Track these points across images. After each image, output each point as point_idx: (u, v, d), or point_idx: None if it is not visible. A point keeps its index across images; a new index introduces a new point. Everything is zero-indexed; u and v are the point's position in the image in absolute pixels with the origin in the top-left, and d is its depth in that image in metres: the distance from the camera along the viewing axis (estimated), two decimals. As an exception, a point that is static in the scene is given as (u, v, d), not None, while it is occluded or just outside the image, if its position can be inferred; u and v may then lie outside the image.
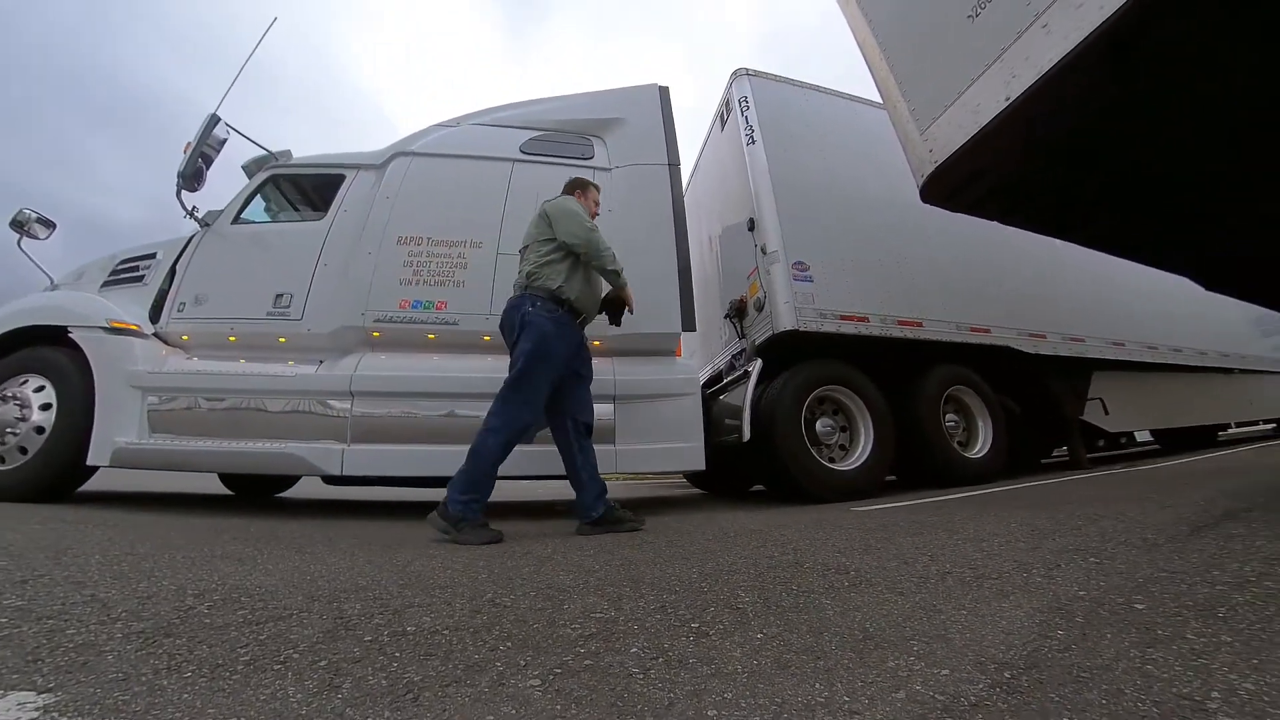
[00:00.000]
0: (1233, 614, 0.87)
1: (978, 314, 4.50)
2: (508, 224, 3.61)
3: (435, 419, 3.05)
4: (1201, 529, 1.57)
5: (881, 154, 4.60)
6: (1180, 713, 0.59)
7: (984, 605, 1.02)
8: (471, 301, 3.37)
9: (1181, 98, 1.70)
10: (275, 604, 1.15)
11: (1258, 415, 7.57)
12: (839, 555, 1.59)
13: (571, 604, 1.15)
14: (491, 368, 3.23)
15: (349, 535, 2.24)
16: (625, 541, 2.06)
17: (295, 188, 3.91)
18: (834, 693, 0.70)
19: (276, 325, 3.24)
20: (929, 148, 2.01)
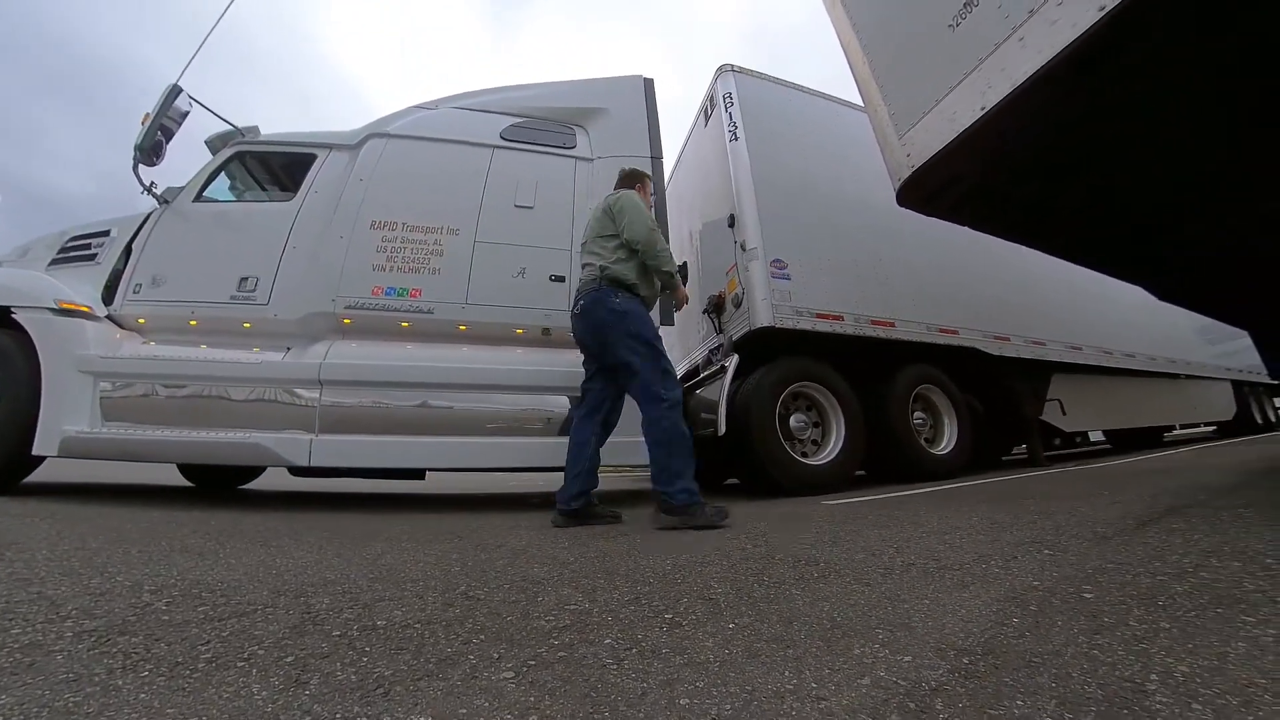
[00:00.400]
0: (1171, 602, 0.93)
1: (947, 316, 4.64)
2: (486, 211, 3.55)
3: (408, 409, 2.99)
4: (1146, 524, 1.67)
5: (859, 156, 4.68)
6: (1122, 694, 0.63)
7: (945, 595, 1.07)
8: (447, 290, 3.30)
9: (1142, 115, 1.79)
10: (238, 599, 1.12)
11: (1200, 418, 8.04)
12: (809, 547, 1.63)
13: (546, 596, 1.15)
14: (466, 358, 3.18)
15: (317, 528, 2.19)
16: (600, 534, 2.06)
17: (262, 166, 3.75)
18: (802, 680, 0.72)
19: (241, 310, 3.11)
20: (906, 152, 2.06)
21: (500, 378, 3.15)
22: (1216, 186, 2.25)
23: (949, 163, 1.95)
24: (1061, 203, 2.38)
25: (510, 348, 3.36)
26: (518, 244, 3.49)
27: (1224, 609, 0.87)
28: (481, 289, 3.34)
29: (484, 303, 3.33)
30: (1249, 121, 1.85)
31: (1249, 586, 0.98)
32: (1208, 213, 2.46)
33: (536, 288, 3.43)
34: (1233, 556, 1.19)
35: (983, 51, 1.71)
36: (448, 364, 3.12)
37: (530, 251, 3.50)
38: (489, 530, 2.19)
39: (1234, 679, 0.64)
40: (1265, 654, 0.70)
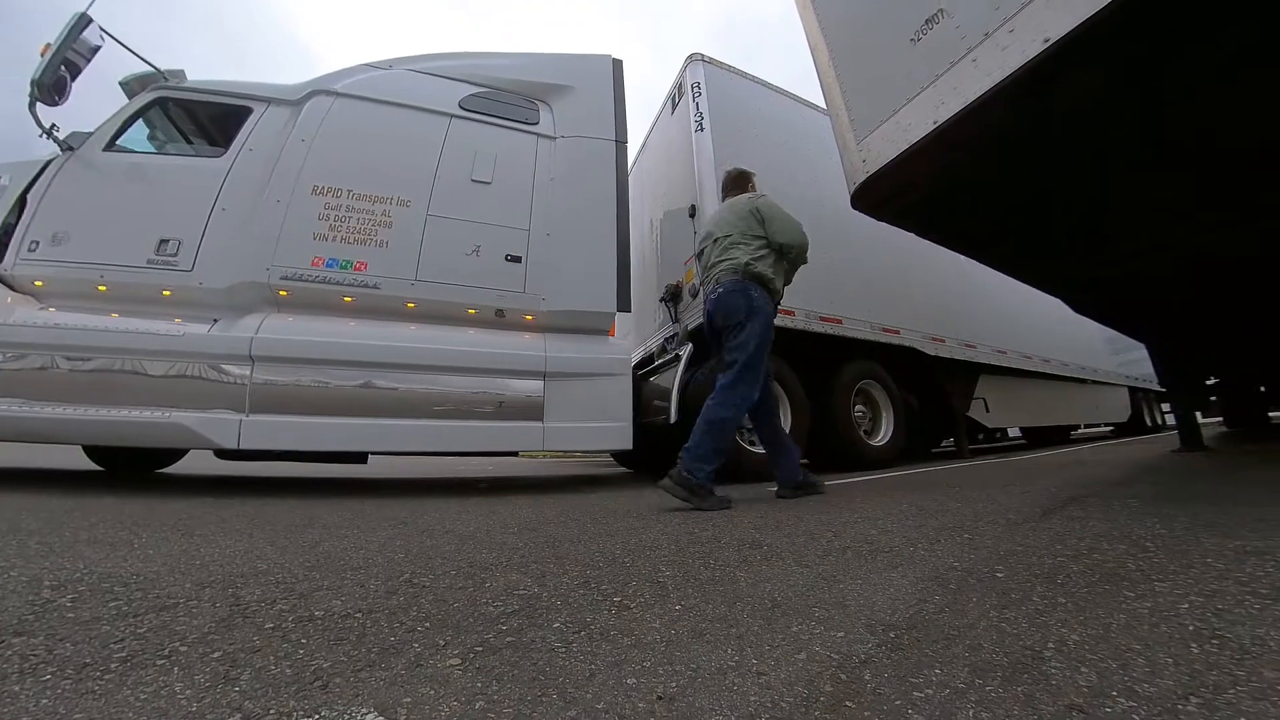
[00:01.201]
0: (1068, 580, 1.04)
1: (890, 316, 4.90)
2: (440, 184, 3.39)
3: (350, 390, 2.85)
4: (1051, 511, 1.85)
5: (818, 157, 4.82)
6: (1023, 660, 0.70)
7: (876, 575, 1.14)
8: (396, 264, 3.15)
9: (1072, 142, 1.94)
10: (157, 593, 1.04)
11: (1101, 419, 9.02)
12: (754, 531, 1.69)
13: (494, 581, 1.14)
14: (414, 337, 3.06)
15: (246, 515, 2.06)
16: (550, 519, 2.06)
17: (188, 116, 3.40)
18: (744, 657, 0.75)
19: (160, 276, 2.84)
20: (862, 157, 2.14)
21: (451, 359, 3.04)
22: (1127, 213, 2.49)
23: (901, 171, 2.04)
24: (997, 217, 2.55)
25: (461, 328, 3.26)
26: (473, 220, 3.37)
27: (1110, 586, 0.99)
28: (432, 265, 3.20)
29: (435, 280, 3.20)
30: (1155, 160, 2.06)
31: (1131, 566, 1.11)
32: (1120, 236, 2.72)
33: (491, 267, 3.33)
34: (1120, 540, 1.34)
35: (939, 68, 1.80)
36: (394, 343, 2.98)
37: (486, 229, 3.38)
38: (435, 516, 2.14)
39: (1115, 645, 0.73)
40: (1141, 624, 0.80)
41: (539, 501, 2.68)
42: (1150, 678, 0.64)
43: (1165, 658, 0.69)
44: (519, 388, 3.16)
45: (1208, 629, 0.77)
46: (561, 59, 4.05)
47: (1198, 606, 0.86)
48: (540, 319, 3.42)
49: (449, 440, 2.96)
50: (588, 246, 3.61)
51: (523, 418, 3.12)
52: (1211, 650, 0.70)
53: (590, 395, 3.29)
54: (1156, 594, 0.93)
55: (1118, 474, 3.00)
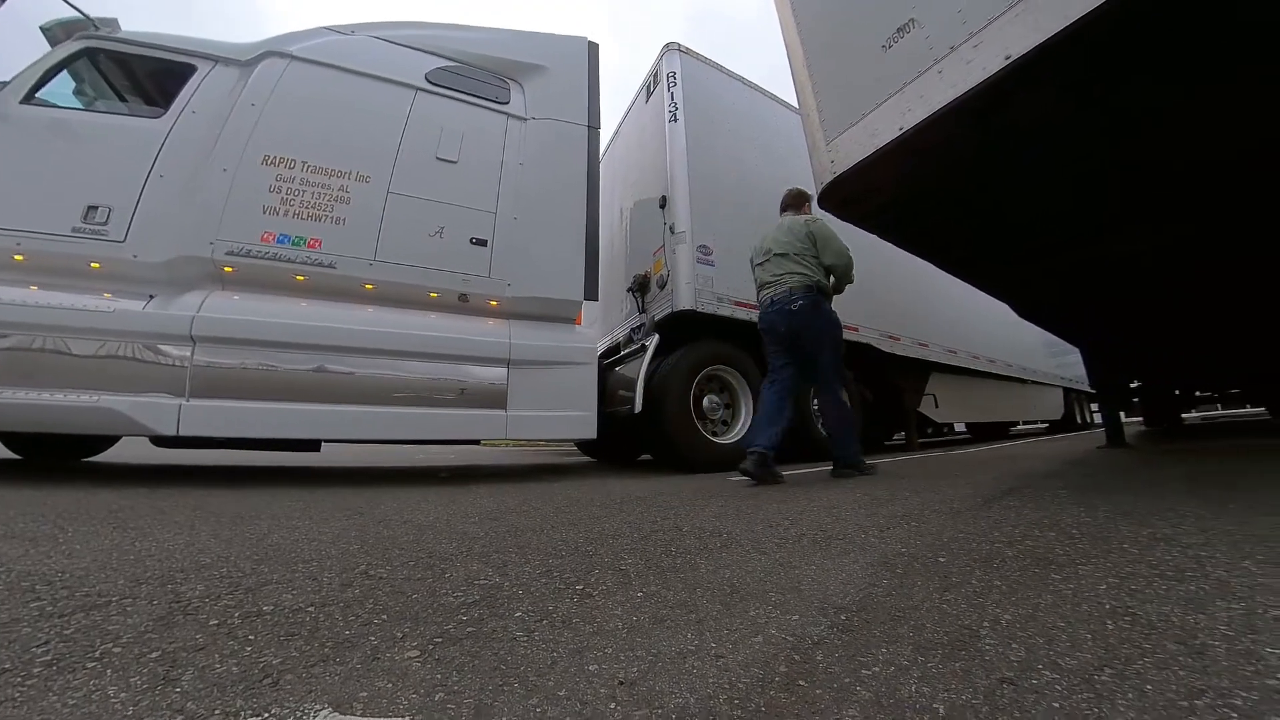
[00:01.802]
0: (1004, 565, 1.11)
1: (850, 313, 5.05)
2: (403, 160, 3.25)
3: (302, 374, 2.72)
4: (991, 501, 1.97)
5: (787, 156, 4.90)
6: (962, 638, 0.75)
7: (830, 561, 1.19)
8: (353, 243, 3.01)
9: (1025, 157, 2.04)
10: (85, 591, 0.97)
11: (1038, 417, 9.74)
12: (715, 520, 1.73)
13: (454, 572, 1.13)
14: (373, 320, 2.95)
15: (187, 506, 1.94)
16: (512, 508, 2.04)
17: (122, 70, 3.11)
18: (703, 641, 0.77)
19: (87, 246, 2.61)
20: (831, 158, 2.19)
21: (411, 343, 2.95)
22: (1071, 225, 2.65)
23: (867, 174, 2.10)
24: (954, 223, 2.67)
25: (423, 312, 3.16)
26: (437, 200, 3.26)
27: (1040, 569, 1.07)
28: (393, 245, 3.08)
29: (395, 261, 3.08)
30: (1094, 176, 2.20)
31: (1059, 551, 1.20)
32: (1064, 246, 2.89)
33: (455, 249, 3.24)
34: (1050, 528, 1.45)
35: (907, 76, 1.85)
36: (350, 325, 2.86)
37: (451, 210, 3.28)
38: (393, 505, 2.08)
39: (1042, 623, 0.79)
40: (1065, 603, 0.87)
41: (501, 490, 2.65)
42: (1071, 651, 0.70)
43: (1085, 634, 0.75)
44: (482, 375, 3.10)
45: (1121, 607, 0.84)
46: (536, 37, 3.93)
47: (1114, 587, 0.94)
48: (505, 305, 3.36)
49: (408, 428, 2.88)
50: (556, 233, 3.55)
51: (485, 405, 3.07)
52: (1124, 626, 0.77)
53: (555, 384, 3.27)
54: (1079, 576, 1.01)
55: (1050, 467, 3.23)
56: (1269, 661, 0.65)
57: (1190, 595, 0.88)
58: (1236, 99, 1.72)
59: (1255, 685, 0.60)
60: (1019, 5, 1.51)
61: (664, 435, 3.60)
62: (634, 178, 5.00)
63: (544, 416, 3.20)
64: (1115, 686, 0.61)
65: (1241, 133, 1.90)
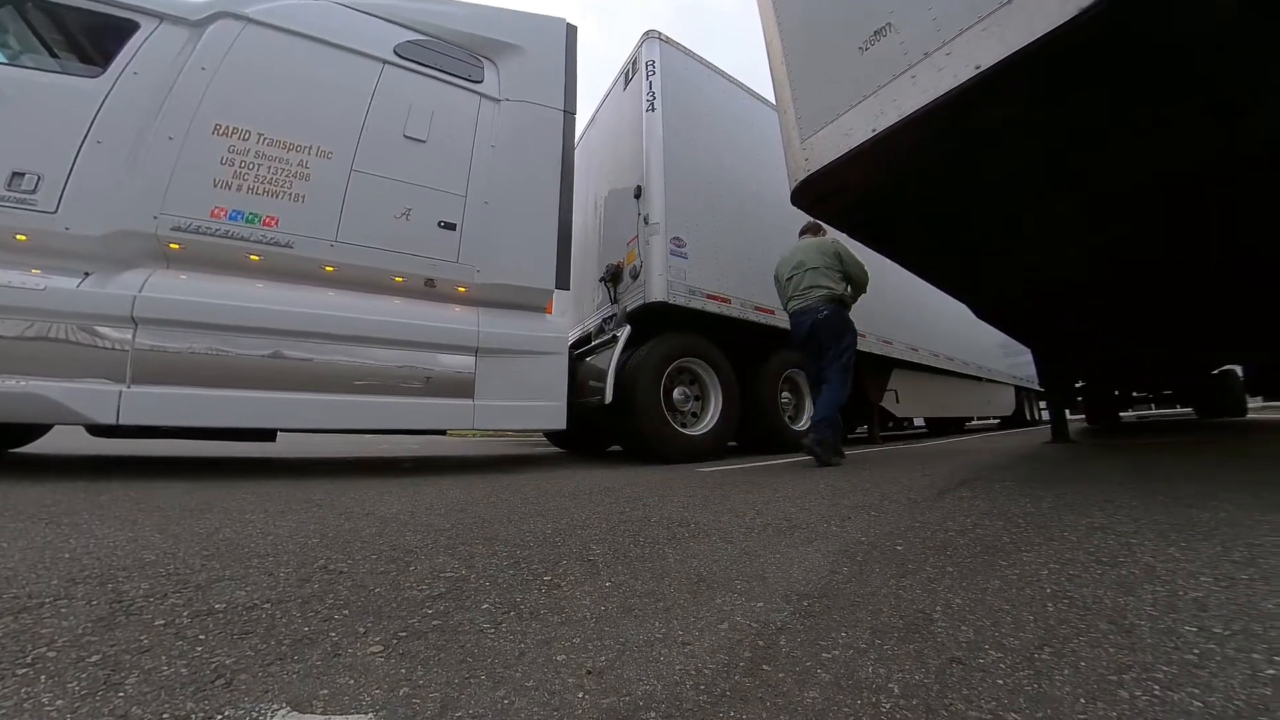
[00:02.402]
0: (956, 552, 1.17)
1: (818, 309, 5.19)
2: (368, 137, 3.11)
3: (256, 359, 2.60)
4: (945, 492, 2.07)
5: (761, 151, 4.94)
6: (916, 622, 0.79)
7: (794, 550, 1.23)
8: (313, 222, 2.88)
9: (988, 165, 2.12)
10: (14, 592, 0.91)
11: (991, 413, 10.28)
12: (683, 510, 1.76)
13: (419, 565, 1.11)
14: (333, 304, 2.83)
15: (128, 500, 1.84)
16: (479, 499, 2.02)
17: (53, 23, 2.84)
18: (670, 629, 0.79)
19: (12, 216, 2.40)
20: (805, 155, 2.22)
21: (374, 329, 2.85)
22: (1027, 231, 2.78)
23: (839, 173, 2.15)
24: (919, 224, 2.76)
25: (387, 297, 3.06)
26: (404, 181, 3.14)
27: (989, 556, 1.13)
28: (356, 226, 2.96)
29: (358, 242, 2.96)
30: (1049, 187, 2.32)
31: (1005, 539, 1.27)
32: (1021, 250, 3.04)
33: (422, 233, 3.14)
34: (998, 517, 1.54)
35: (882, 79, 1.89)
36: (309, 309, 2.74)
37: (418, 191, 3.17)
38: (354, 497, 2.03)
39: (990, 606, 0.84)
40: (1010, 587, 0.93)
41: (467, 482, 2.61)
42: (1015, 632, 0.75)
43: (1028, 615, 0.80)
44: (449, 363, 3.03)
45: (1060, 591, 0.90)
46: (513, 15, 3.80)
47: (1054, 573, 1.00)
48: (474, 292, 3.29)
49: (370, 417, 2.79)
50: (528, 219, 3.49)
51: (452, 395, 3.00)
52: (1063, 608, 0.83)
53: (524, 373, 3.23)
54: (1024, 563, 1.07)
55: (1000, 460, 3.41)
56: (1187, 638, 0.71)
57: (1121, 579, 0.95)
58: (1180, 122, 1.84)
59: (1175, 660, 0.66)
60: (989, 18, 1.56)
61: (634, 426, 3.62)
62: (609, 166, 4.95)
63: (513, 407, 3.16)
64: (1053, 663, 0.66)
65: (1183, 152, 2.03)
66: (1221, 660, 0.65)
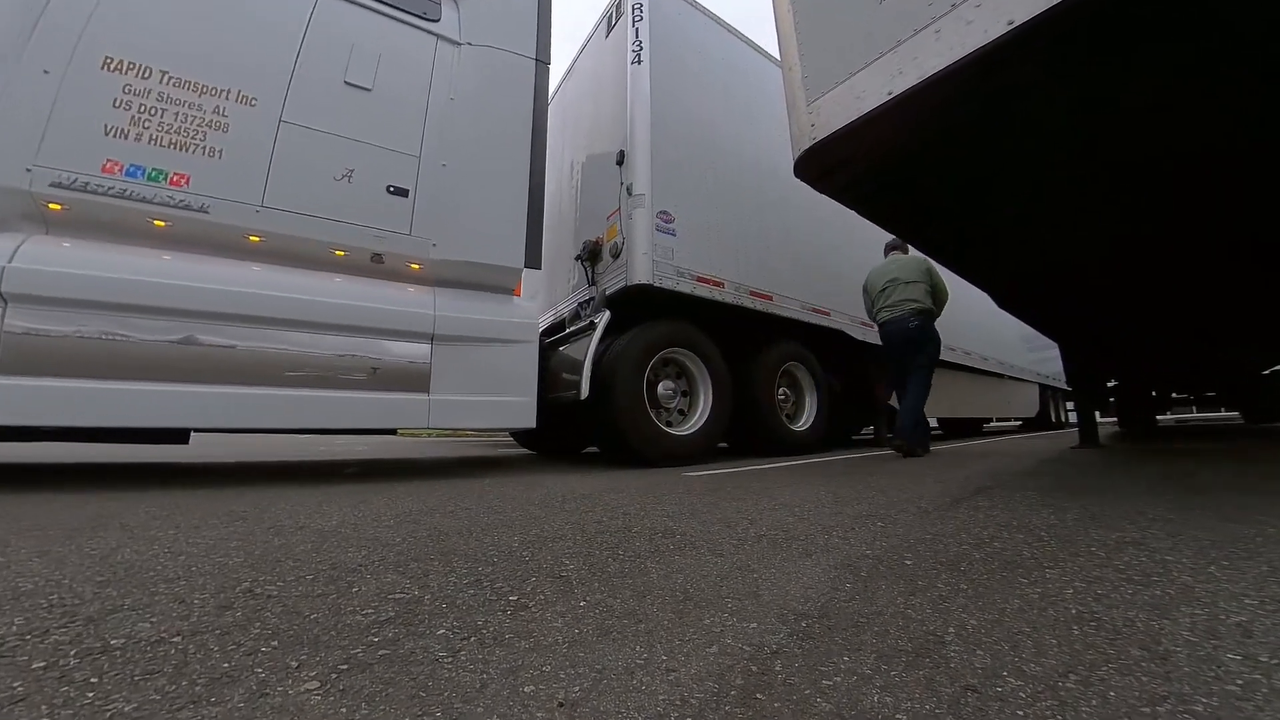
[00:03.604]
0: (971, 567, 1.21)
1: (821, 296, 5.25)
2: (302, 81, 3.01)
3: (163, 346, 2.50)
4: (960, 501, 2.13)
5: (761, 114, 4.93)
6: (926, 645, 0.81)
7: (791, 564, 1.25)
8: (234, 182, 2.78)
9: (1017, 132, 2.15)
10: None
11: (1012, 414, 10.52)
12: (667, 519, 1.78)
13: (363, 586, 1.10)
14: (260, 281, 2.75)
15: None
16: (435, 508, 2.01)
17: None
18: (653, 654, 0.79)
19: None
20: (811, 121, 2.22)
21: (310, 311, 2.79)
22: (1057, 206, 2.84)
23: (848, 142, 2.15)
24: (936, 201, 2.80)
25: (325, 274, 2.98)
26: (345, 136, 3.05)
27: (1007, 572, 1.16)
28: (287, 189, 2.87)
29: (289, 208, 2.87)
30: (1080, 158, 2.37)
31: (1026, 554, 1.31)
32: (1049, 228, 3.10)
33: (368, 199, 3.07)
34: (1018, 529, 1.58)
35: (901, 34, 1.89)
36: (230, 287, 2.66)
37: (362, 150, 3.09)
38: (286, 508, 2.00)
39: (1008, 629, 0.87)
40: (1032, 608, 0.96)
41: (422, 489, 2.60)
42: (1037, 658, 0.77)
43: (1050, 639, 0.83)
44: (399, 352, 2.99)
45: (1088, 612, 0.93)
46: None
47: (1080, 592, 1.04)
48: (430, 269, 3.23)
49: (305, 415, 2.73)
50: (493, 186, 3.44)
51: (403, 388, 2.97)
52: (1090, 632, 0.86)
53: (488, 364, 3.20)
54: (1046, 580, 1.11)
55: (1022, 466, 3.51)
56: (1229, 667, 0.74)
57: (1156, 600, 0.99)
58: (1243, 91, 1.88)
59: (1216, 691, 0.68)
60: None
61: (613, 425, 3.62)
62: (587, 125, 4.90)
63: (474, 402, 3.14)
64: (1079, 693, 0.68)
65: (1238, 125, 2.08)
66: (1268, 692, 0.68)
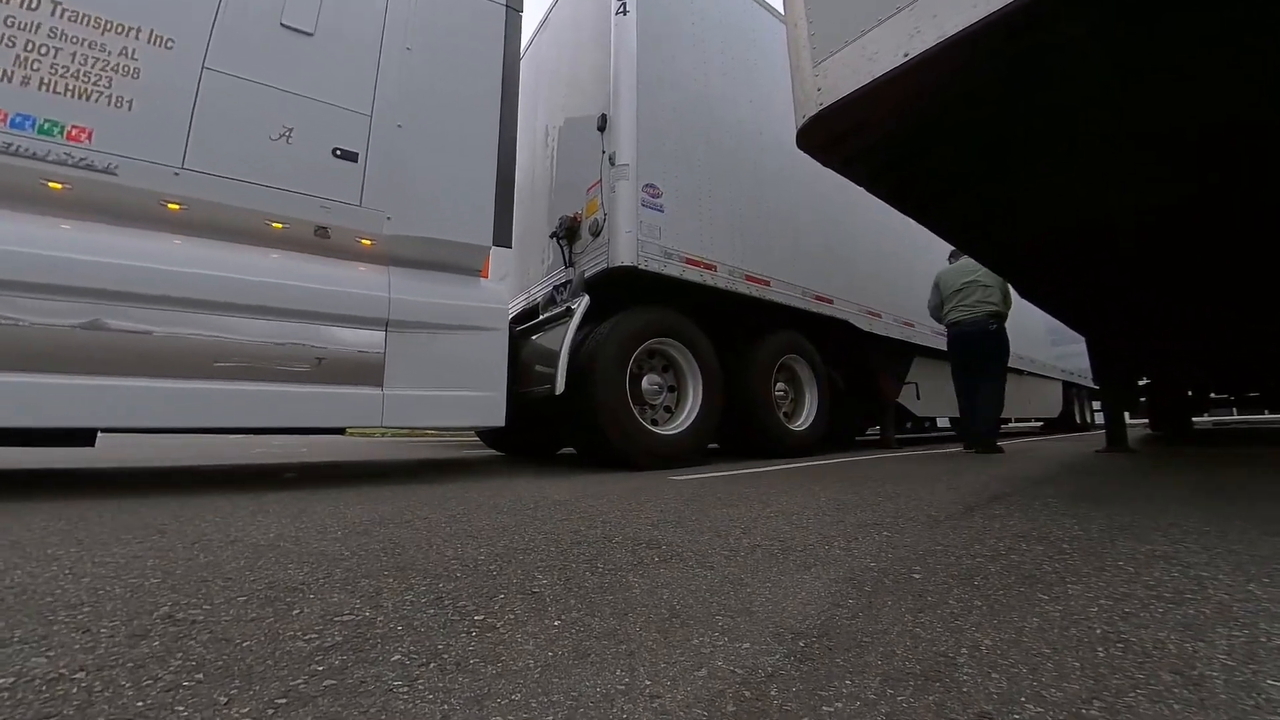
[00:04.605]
0: (985, 582, 1.23)
1: (824, 282, 5.30)
2: (230, 22, 2.90)
3: (62, 332, 2.42)
4: (974, 509, 2.17)
5: (764, 77, 4.93)
6: (936, 667, 0.83)
7: (787, 577, 1.27)
8: (147, 139, 2.68)
9: (1049, 100, 2.17)
10: None
11: (1032, 414, 10.72)
12: (651, 528, 1.79)
13: (306, 607, 1.08)
14: (181, 256, 2.67)
15: None
16: (389, 518, 2.00)
17: None
18: (635, 678, 0.80)
19: None
20: (818, 85, 2.22)
21: (242, 292, 2.73)
22: (1088, 180, 2.88)
23: (859, 108, 2.16)
24: (955, 178, 2.83)
25: (261, 249, 2.92)
26: (282, 88, 2.97)
27: (1026, 588, 1.19)
28: (213, 149, 2.80)
29: (216, 171, 2.80)
30: (1116, 129, 2.40)
31: (1047, 568, 1.34)
32: (1079, 203, 3.15)
33: (311, 163, 3.01)
34: (1038, 540, 1.62)
35: None
36: (144, 262, 2.58)
37: (303, 105, 3.02)
38: (215, 521, 1.97)
39: (1026, 650, 0.89)
40: (1053, 627, 0.98)
41: (375, 495, 2.58)
42: (1058, 682, 0.79)
43: (1073, 662, 0.85)
44: (348, 340, 2.95)
45: (1114, 633, 0.96)
46: None
47: (1106, 610, 1.06)
48: (383, 246, 3.19)
49: (237, 412, 2.68)
50: (456, 151, 3.39)
51: (352, 382, 2.94)
52: (1116, 654, 0.88)
53: (451, 354, 3.18)
54: (1069, 597, 1.14)
55: (1042, 471, 3.59)
56: (1271, 695, 0.75)
57: (1189, 620, 1.01)
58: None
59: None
60: None
61: (592, 423, 3.63)
62: (564, 86, 4.85)
63: (435, 397, 3.12)
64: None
65: None
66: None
